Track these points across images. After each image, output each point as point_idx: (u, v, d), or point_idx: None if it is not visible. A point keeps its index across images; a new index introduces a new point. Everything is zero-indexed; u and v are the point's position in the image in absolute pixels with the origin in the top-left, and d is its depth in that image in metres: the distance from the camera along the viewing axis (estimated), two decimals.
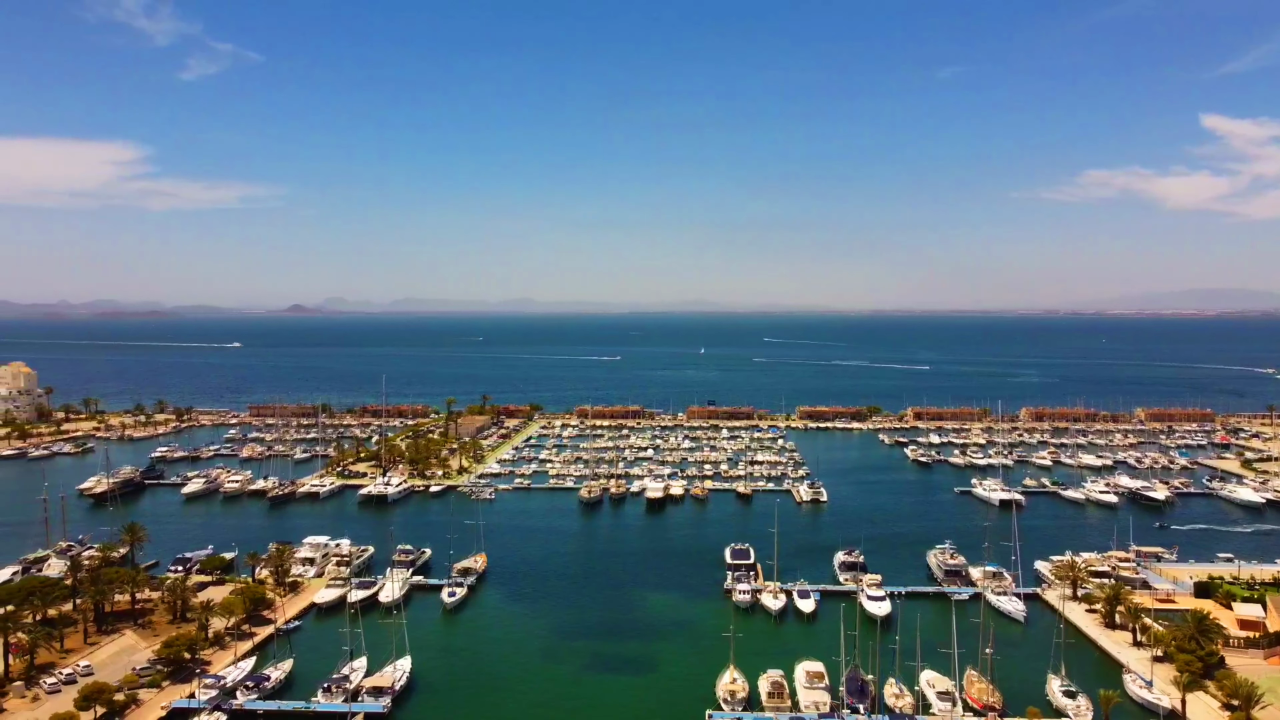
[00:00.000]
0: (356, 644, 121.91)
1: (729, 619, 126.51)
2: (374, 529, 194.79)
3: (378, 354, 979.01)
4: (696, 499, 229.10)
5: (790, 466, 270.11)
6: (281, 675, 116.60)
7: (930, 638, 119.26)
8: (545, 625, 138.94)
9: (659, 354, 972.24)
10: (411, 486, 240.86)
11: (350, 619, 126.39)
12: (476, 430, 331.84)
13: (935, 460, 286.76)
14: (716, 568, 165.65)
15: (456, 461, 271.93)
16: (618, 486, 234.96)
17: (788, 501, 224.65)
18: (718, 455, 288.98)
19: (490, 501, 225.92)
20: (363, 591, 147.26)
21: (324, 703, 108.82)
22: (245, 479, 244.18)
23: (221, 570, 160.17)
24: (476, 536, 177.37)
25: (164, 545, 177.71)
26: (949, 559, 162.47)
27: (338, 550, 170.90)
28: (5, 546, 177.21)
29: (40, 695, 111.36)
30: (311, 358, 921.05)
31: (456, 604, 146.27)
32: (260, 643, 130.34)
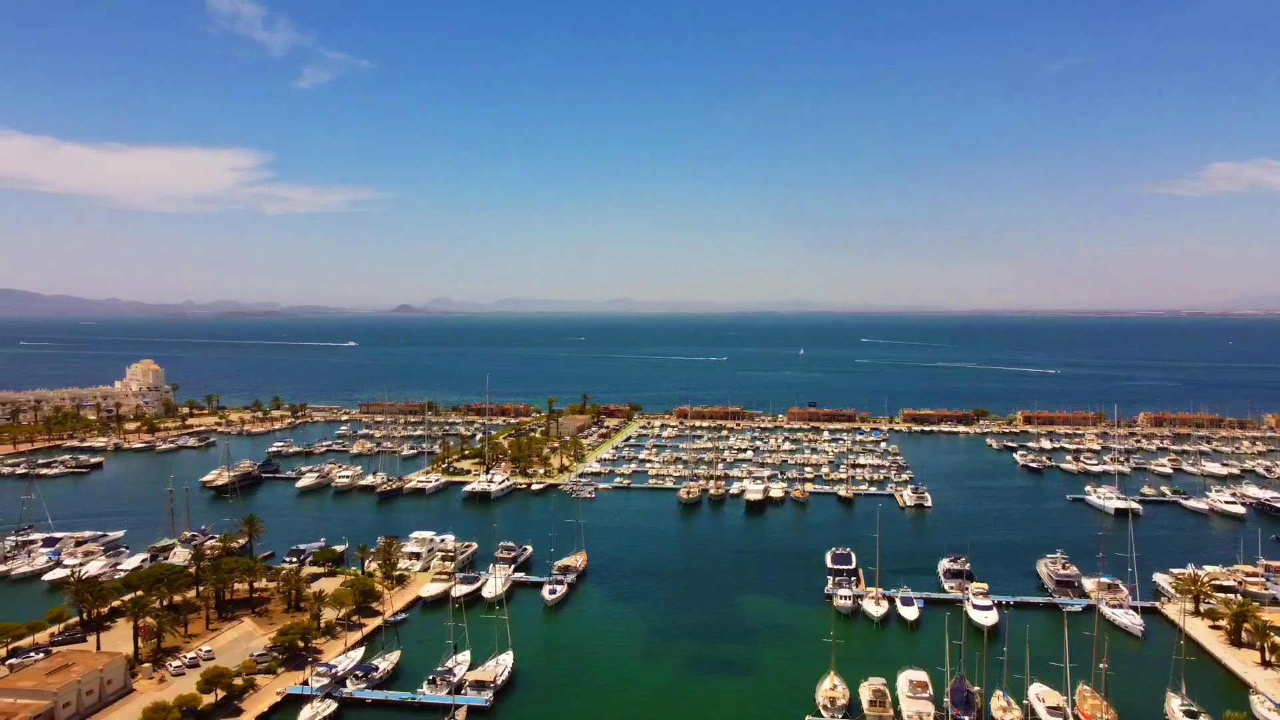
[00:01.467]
0: (460, 638, 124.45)
1: (829, 624, 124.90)
2: (478, 525, 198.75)
3: (482, 353, 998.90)
4: (797, 502, 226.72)
5: (893, 470, 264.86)
6: (389, 666, 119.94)
7: (1040, 650, 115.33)
8: (645, 625, 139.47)
9: (758, 355, 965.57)
10: (514, 484, 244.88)
11: (454, 613, 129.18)
12: (577, 429, 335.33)
13: (1046, 466, 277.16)
14: (817, 572, 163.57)
15: (558, 460, 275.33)
16: (717, 488, 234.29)
17: (891, 506, 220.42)
18: (819, 458, 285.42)
19: (591, 500, 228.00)
20: (466, 587, 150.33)
21: (429, 694, 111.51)
22: (355, 474, 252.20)
23: (333, 562, 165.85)
24: (577, 535, 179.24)
25: (279, 537, 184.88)
26: (1061, 569, 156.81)
27: (443, 545, 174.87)
28: (135, 535, 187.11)
29: (166, 677, 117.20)
30: (418, 357, 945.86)
31: (557, 601, 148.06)
32: (369, 634, 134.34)
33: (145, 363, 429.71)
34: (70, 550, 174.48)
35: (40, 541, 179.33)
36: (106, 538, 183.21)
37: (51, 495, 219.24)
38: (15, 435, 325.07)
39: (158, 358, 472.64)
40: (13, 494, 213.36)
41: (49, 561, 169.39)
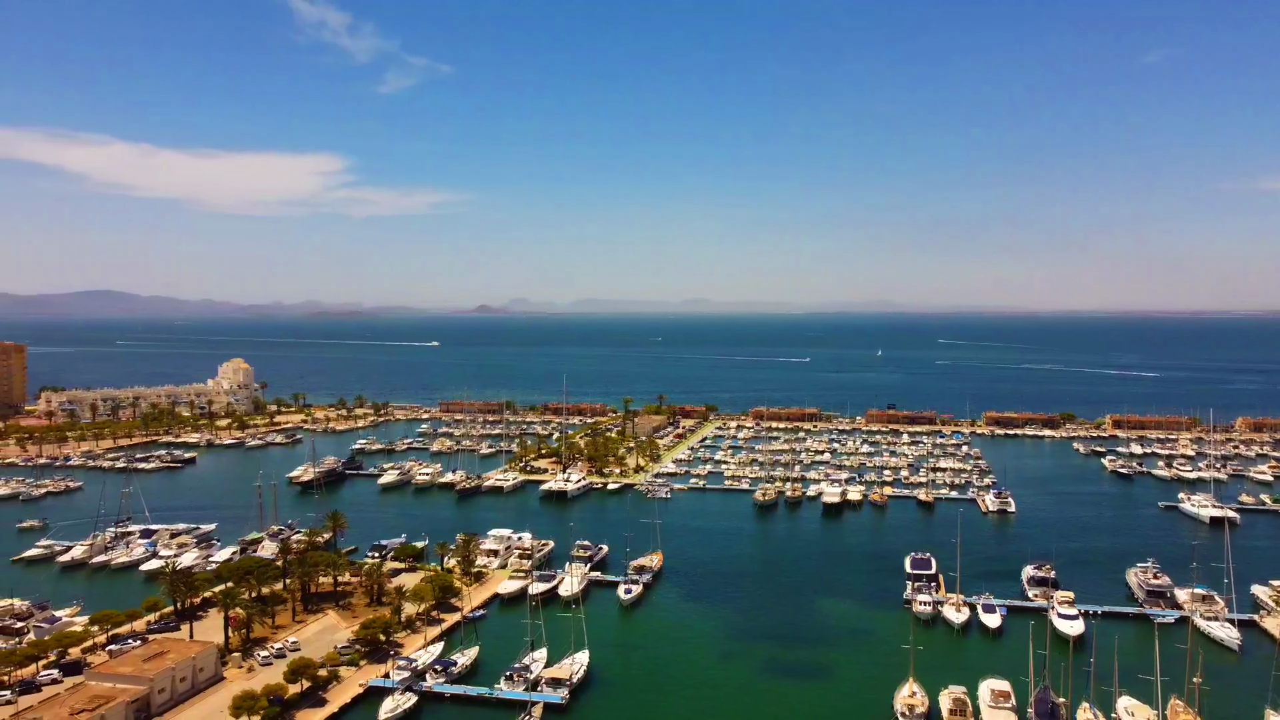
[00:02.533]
0: (537, 635, 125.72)
1: (908, 630, 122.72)
2: (554, 524, 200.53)
3: (559, 353, 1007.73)
4: (875, 505, 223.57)
5: (975, 474, 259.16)
6: (467, 662, 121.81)
7: (1129, 662, 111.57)
8: (720, 626, 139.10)
9: (836, 356, 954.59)
10: (590, 483, 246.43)
11: (531, 611, 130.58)
12: (653, 430, 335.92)
13: (1137, 472, 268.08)
14: (896, 577, 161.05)
15: (633, 460, 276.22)
16: (794, 490, 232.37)
17: (972, 511, 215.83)
18: (898, 461, 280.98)
19: (666, 500, 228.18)
20: (543, 585, 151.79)
21: (506, 690, 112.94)
22: (435, 471, 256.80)
23: (413, 558, 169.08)
24: (653, 535, 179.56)
25: (362, 532, 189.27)
26: (1152, 579, 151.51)
27: (520, 543, 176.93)
28: (226, 529, 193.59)
29: (255, 666, 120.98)
30: (497, 356, 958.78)
31: (633, 601, 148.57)
32: (448, 629, 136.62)
33: (236, 361, 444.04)
34: (166, 542, 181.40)
35: (138, 533, 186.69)
36: (199, 530, 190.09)
37: (148, 489, 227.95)
38: (115, 431, 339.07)
39: (248, 356, 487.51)
40: (113, 487, 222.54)
41: (146, 552, 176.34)
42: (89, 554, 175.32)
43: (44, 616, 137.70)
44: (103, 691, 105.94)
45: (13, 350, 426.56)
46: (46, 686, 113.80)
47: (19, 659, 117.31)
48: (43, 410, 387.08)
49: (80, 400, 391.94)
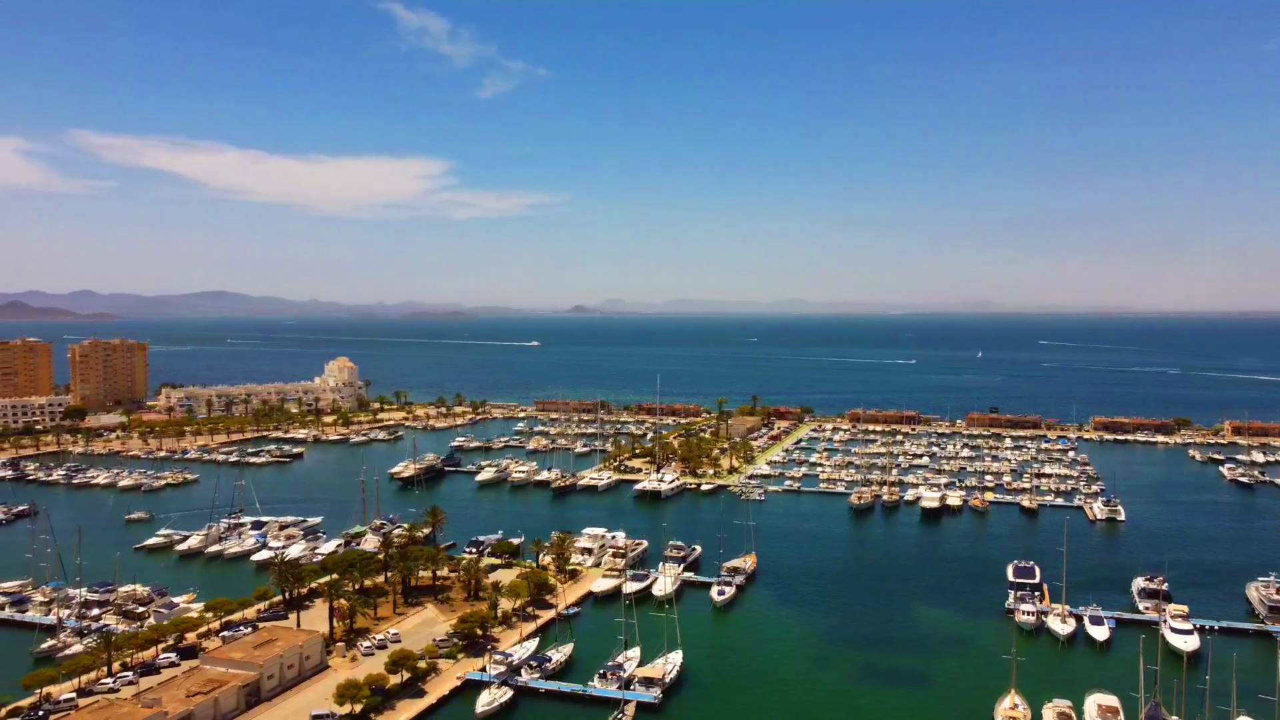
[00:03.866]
0: (631, 634, 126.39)
1: (1010, 640, 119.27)
2: (648, 523, 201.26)
3: (653, 353, 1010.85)
4: (976, 511, 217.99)
5: (1082, 481, 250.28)
6: (562, 658, 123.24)
7: (1249, 681, 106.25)
8: (815, 630, 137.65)
9: (935, 357, 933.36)
10: (684, 484, 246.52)
11: (625, 610, 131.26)
12: (747, 431, 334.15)
13: (1259, 481, 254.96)
14: (997, 585, 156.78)
15: (727, 461, 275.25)
16: (891, 494, 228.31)
17: (1079, 519, 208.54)
18: (1000, 466, 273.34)
19: (760, 502, 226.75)
20: (637, 584, 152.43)
21: (600, 688, 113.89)
22: (531, 469, 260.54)
23: (509, 555, 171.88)
24: (746, 536, 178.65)
25: (460, 528, 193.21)
26: (1275, 593, 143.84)
27: (614, 542, 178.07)
28: (331, 522, 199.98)
29: (358, 656, 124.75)
30: (592, 356, 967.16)
31: (726, 602, 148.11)
32: (542, 625, 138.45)
33: (341, 360, 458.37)
34: (275, 534, 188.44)
35: (249, 524, 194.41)
36: (306, 523, 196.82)
37: (259, 482, 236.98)
38: (229, 426, 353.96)
39: (352, 355, 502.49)
40: (226, 480, 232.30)
41: (256, 543, 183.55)
42: (204, 543, 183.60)
43: (163, 602, 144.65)
44: (216, 675, 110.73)
45: (136, 349, 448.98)
46: (165, 669, 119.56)
47: (140, 642, 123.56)
48: (162, 406, 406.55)
49: (197, 396, 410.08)
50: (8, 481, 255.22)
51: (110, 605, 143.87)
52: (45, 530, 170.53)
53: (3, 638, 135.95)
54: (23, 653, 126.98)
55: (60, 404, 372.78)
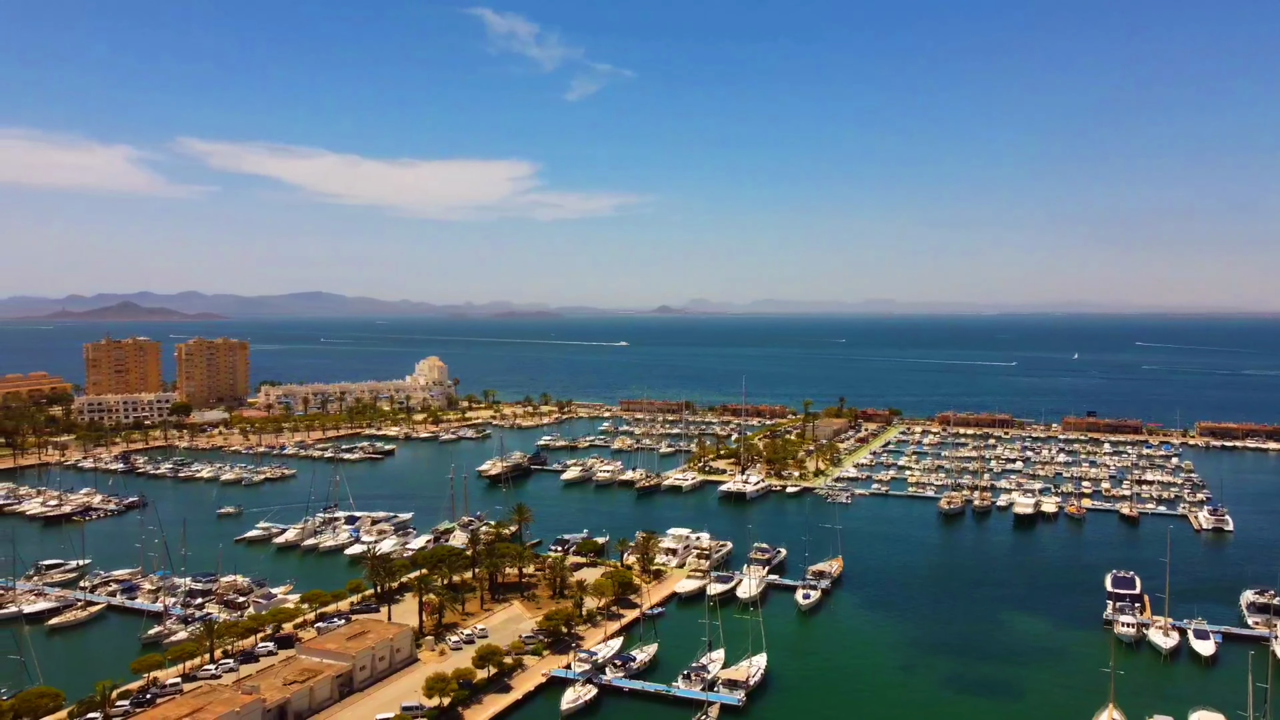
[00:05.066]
0: (715, 636, 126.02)
1: (1108, 653, 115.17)
2: (732, 525, 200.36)
3: (738, 354, 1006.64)
4: (1072, 518, 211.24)
5: (1186, 489, 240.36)
6: (646, 658, 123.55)
7: None
8: (902, 636, 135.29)
9: (1029, 359, 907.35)
10: (769, 485, 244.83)
11: (709, 611, 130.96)
12: (833, 433, 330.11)
13: None
14: (1094, 595, 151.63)
15: (813, 463, 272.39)
16: (982, 499, 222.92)
17: (1183, 528, 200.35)
18: (1098, 472, 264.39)
19: (847, 506, 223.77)
20: (721, 585, 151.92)
21: (683, 689, 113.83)
22: (616, 469, 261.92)
23: (594, 553, 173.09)
24: (833, 540, 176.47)
25: (545, 526, 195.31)
26: None
27: (699, 543, 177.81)
28: (421, 519, 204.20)
29: (446, 651, 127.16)
30: (677, 357, 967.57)
31: (811, 606, 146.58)
32: (627, 625, 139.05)
33: (432, 359, 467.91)
34: (367, 528, 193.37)
35: (343, 519, 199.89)
36: (397, 519, 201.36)
37: (353, 478, 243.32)
38: (324, 423, 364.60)
39: (442, 354, 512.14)
40: (322, 475, 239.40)
41: (350, 538, 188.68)
42: (300, 537, 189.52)
43: (262, 593, 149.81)
44: (311, 665, 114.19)
45: (238, 347, 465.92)
46: (263, 657, 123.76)
47: (241, 630, 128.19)
48: (262, 403, 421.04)
49: (294, 394, 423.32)
50: (119, 474, 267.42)
51: (213, 595, 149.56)
52: (153, 521, 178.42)
53: (114, 623, 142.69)
54: (131, 638, 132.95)
55: (167, 400, 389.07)
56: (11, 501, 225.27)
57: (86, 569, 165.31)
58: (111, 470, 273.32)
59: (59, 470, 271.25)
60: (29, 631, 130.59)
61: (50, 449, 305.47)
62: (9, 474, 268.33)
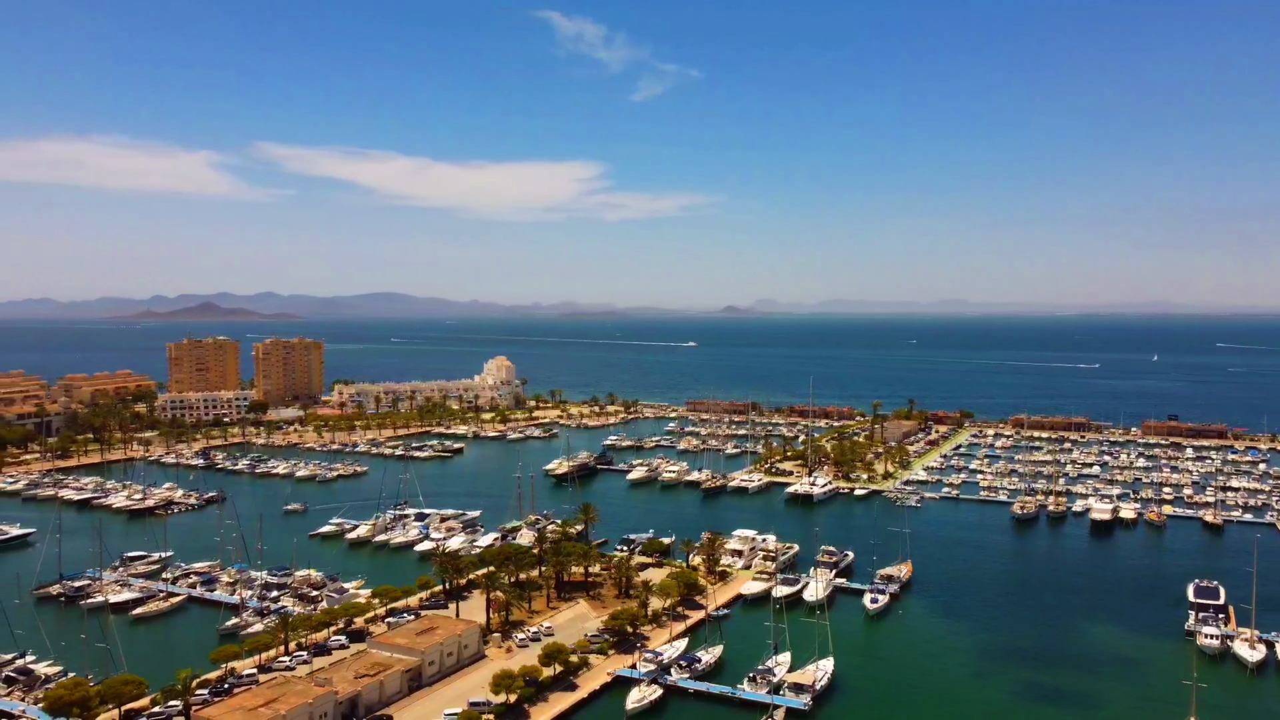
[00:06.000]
0: (781, 639, 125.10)
1: (1190, 665, 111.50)
2: (799, 527, 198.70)
3: (805, 355, 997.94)
4: (1152, 525, 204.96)
5: (1275, 496, 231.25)
6: (711, 659, 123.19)
7: None
8: (973, 643, 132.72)
9: (1107, 360, 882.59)
10: (836, 488, 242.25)
11: (775, 614, 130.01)
12: (903, 435, 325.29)
13: None
14: (1174, 606, 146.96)
15: (882, 466, 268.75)
16: (1057, 504, 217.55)
17: (1271, 537, 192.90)
18: (1180, 478, 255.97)
19: (916, 509, 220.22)
20: (787, 588, 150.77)
21: (749, 691, 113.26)
22: (682, 469, 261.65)
23: (660, 554, 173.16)
24: (901, 543, 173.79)
25: (611, 525, 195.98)
26: None
27: (765, 545, 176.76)
28: (489, 516, 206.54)
29: (513, 648, 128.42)
30: (743, 357, 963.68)
31: (879, 610, 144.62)
32: (692, 626, 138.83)
33: (500, 359, 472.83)
34: (436, 526, 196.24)
35: (413, 516, 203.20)
36: (466, 516, 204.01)
37: (422, 476, 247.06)
38: (395, 421, 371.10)
39: (510, 354, 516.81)
40: (393, 473, 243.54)
41: (419, 534, 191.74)
42: (372, 533, 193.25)
43: (334, 587, 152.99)
44: (382, 659, 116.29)
45: (313, 347, 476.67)
46: (335, 651, 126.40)
47: (314, 624, 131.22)
48: (336, 401, 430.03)
49: (366, 393, 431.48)
50: (199, 470, 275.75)
51: (287, 588, 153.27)
52: (231, 516, 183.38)
53: (193, 614, 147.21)
54: (210, 629, 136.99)
55: (245, 398, 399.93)
56: (99, 495, 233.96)
57: (168, 561, 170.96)
58: (192, 466, 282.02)
59: (143, 465, 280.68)
60: (114, 620, 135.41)
61: (135, 445, 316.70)
62: (97, 468, 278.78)
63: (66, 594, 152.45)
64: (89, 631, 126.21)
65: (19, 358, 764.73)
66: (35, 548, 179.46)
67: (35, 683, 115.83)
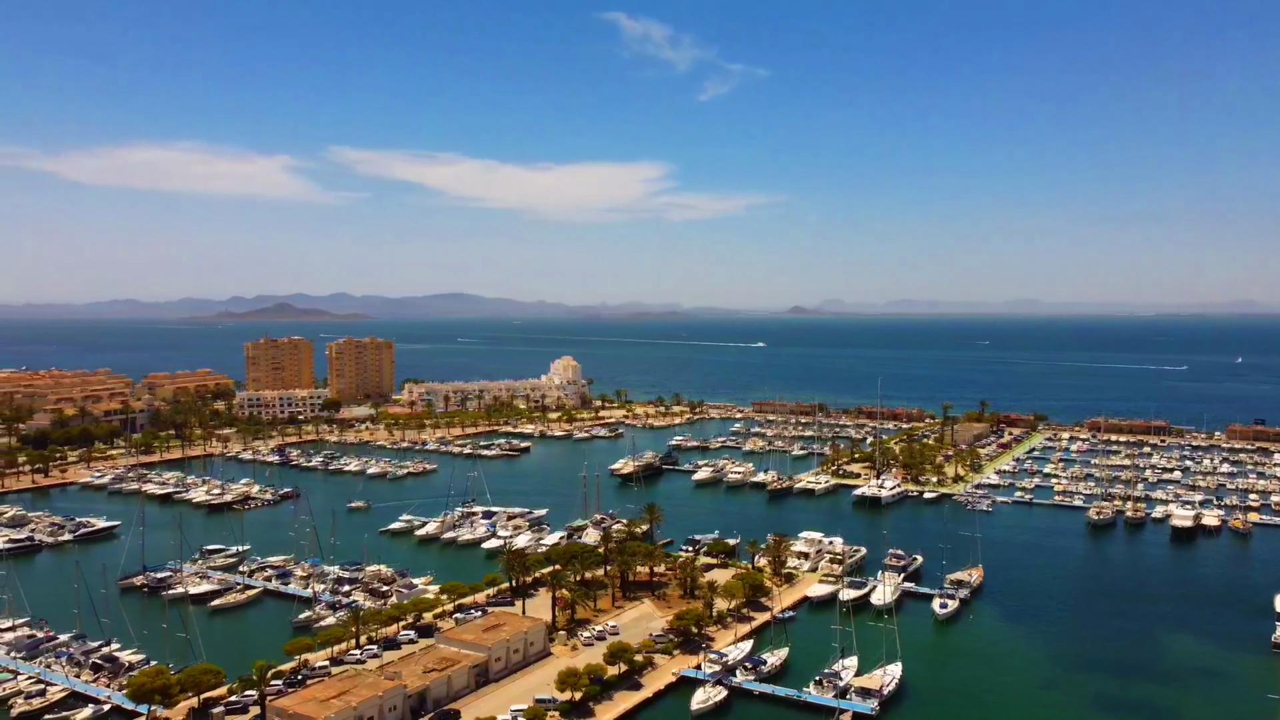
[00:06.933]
0: (847, 642, 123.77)
1: (1277, 679, 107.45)
2: (867, 530, 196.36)
3: (873, 356, 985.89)
4: (1237, 533, 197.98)
5: None
6: (777, 662, 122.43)
7: None
8: (1046, 651, 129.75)
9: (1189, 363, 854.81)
10: (905, 491, 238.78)
11: (842, 617, 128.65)
12: (974, 438, 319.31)
13: None
14: (1261, 617, 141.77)
15: (952, 469, 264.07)
16: (1135, 510, 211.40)
17: None
18: (1267, 484, 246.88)
19: (987, 513, 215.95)
20: (854, 591, 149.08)
21: (815, 695, 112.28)
22: (747, 470, 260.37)
23: (725, 554, 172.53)
24: (972, 548, 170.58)
25: (676, 525, 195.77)
26: None
27: (831, 547, 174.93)
28: (554, 515, 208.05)
29: (578, 646, 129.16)
30: (810, 358, 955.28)
31: (949, 615, 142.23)
32: (757, 627, 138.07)
33: (566, 359, 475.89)
34: (503, 523, 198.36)
35: (480, 514, 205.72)
36: (532, 515, 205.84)
37: (490, 474, 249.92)
38: (464, 420, 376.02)
39: (576, 354, 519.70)
40: (461, 471, 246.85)
41: (486, 532, 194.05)
42: (440, 530, 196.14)
43: (404, 583, 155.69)
44: (449, 654, 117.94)
45: (384, 346, 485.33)
46: (405, 645, 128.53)
47: (384, 618, 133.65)
48: (406, 400, 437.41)
49: (436, 392, 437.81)
50: (275, 466, 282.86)
51: (359, 583, 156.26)
52: (306, 511, 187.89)
53: (268, 606, 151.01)
54: (284, 621, 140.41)
55: (319, 397, 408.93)
56: (180, 489, 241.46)
57: (245, 555, 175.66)
58: (268, 462, 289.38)
59: (221, 461, 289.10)
60: (194, 611, 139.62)
61: (214, 441, 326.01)
62: (178, 464, 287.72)
63: (149, 585, 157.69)
64: (170, 621, 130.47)
65: (106, 357, 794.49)
66: (120, 540, 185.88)
67: (120, 670, 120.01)
